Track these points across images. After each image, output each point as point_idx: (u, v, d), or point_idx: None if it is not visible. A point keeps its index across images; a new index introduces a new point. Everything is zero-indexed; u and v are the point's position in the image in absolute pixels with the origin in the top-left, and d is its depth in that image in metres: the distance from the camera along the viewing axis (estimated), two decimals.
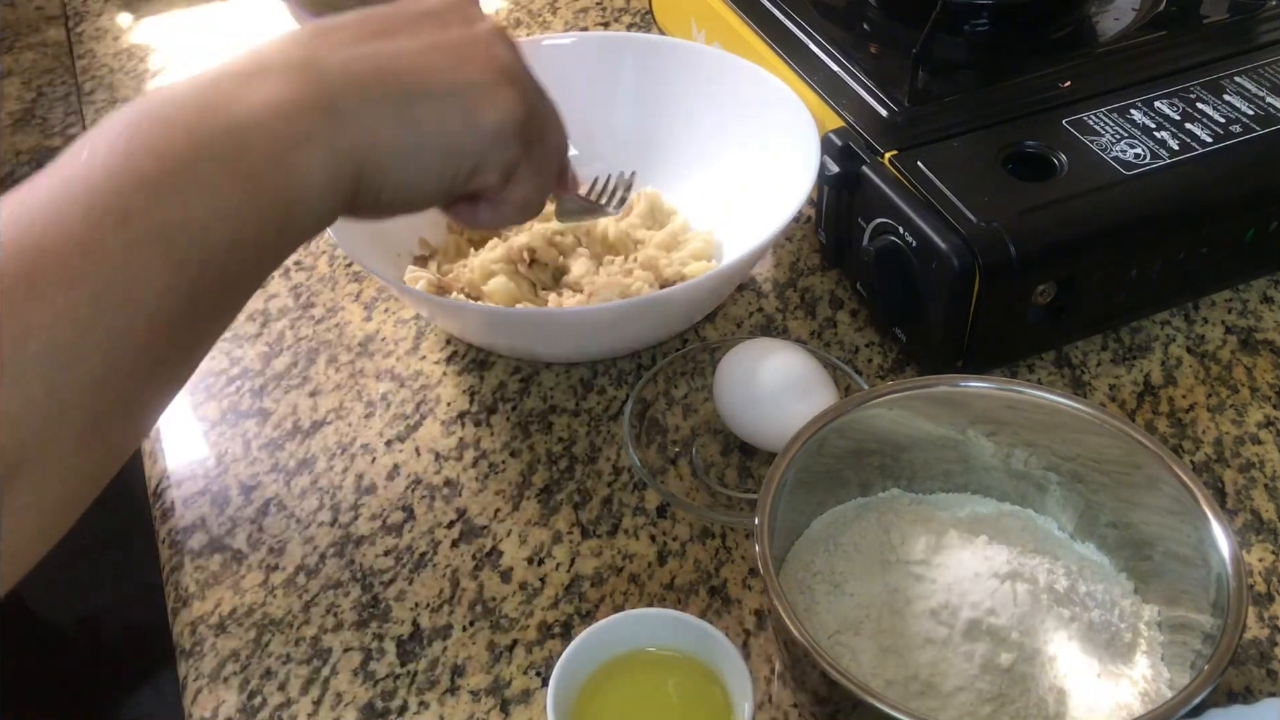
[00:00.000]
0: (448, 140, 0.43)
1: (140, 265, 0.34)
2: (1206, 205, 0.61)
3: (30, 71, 1.01)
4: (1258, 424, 0.60)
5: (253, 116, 0.37)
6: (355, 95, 0.40)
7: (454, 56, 0.43)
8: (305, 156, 0.38)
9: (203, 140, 0.36)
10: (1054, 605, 0.47)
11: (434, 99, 0.42)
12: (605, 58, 0.76)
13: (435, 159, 0.43)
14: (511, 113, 0.44)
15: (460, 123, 0.43)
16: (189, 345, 0.37)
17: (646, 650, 0.47)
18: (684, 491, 0.58)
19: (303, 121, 0.38)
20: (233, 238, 0.37)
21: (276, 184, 0.38)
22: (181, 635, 0.54)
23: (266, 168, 0.37)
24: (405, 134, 0.41)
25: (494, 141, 0.44)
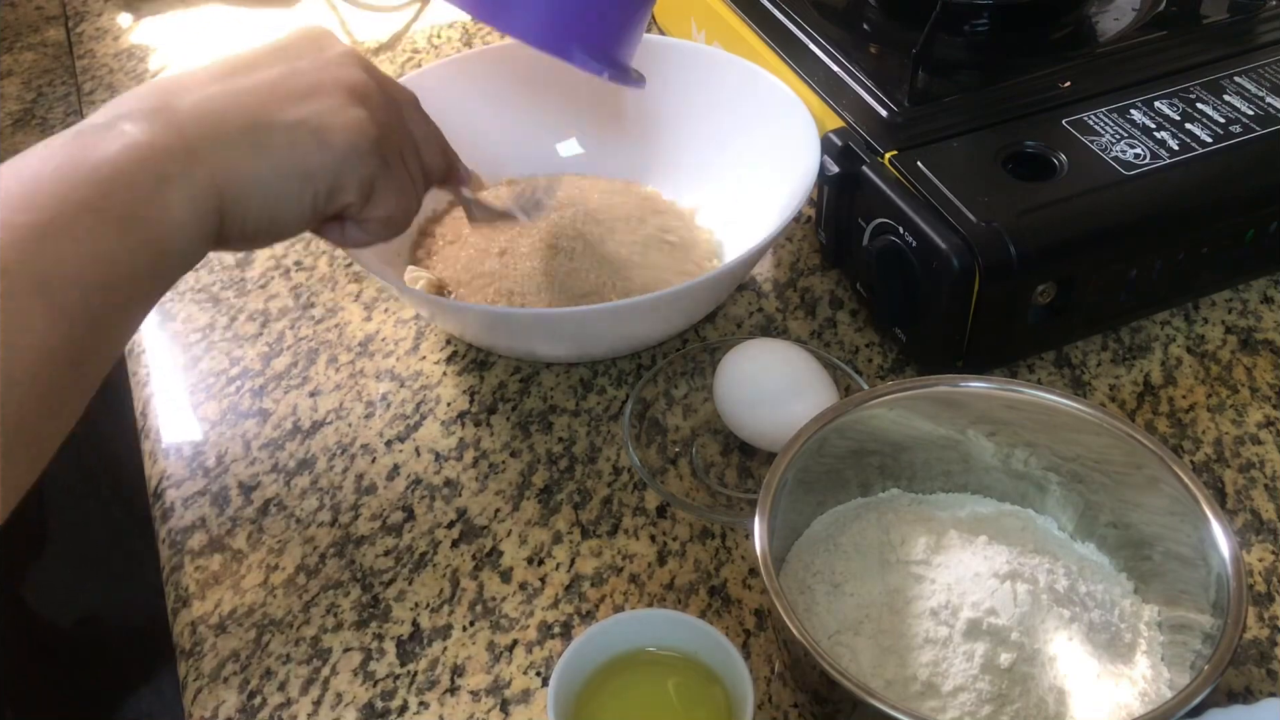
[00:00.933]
0: (301, 164, 0.45)
1: (22, 313, 0.36)
2: (1206, 205, 0.61)
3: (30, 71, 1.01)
4: (1258, 424, 0.60)
5: (114, 163, 0.39)
6: (209, 133, 0.42)
7: (303, 85, 0.45)
8: (167, 196, 0.40)
9: (69, 190, 0.38)
10: (1054, 605, 0.47)
11: (284, 127, 0.44)
12: None
13: (292, 184, 0.45)
14: (362, 131, 0.46)
15: (312, 146, 0.45)
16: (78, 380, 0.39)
17: (646, 650, 0.47)
18: (684, 491, 0.58)
19: (161, 163, 0.40)
20: (106, 279, 0.39)
21: (144, 224, 0.40)
22: (181, 635, 0.54)
23: (132, 210, 0.39)
24: (259, 164, 0.43)
25: (346, 160, 0.46)
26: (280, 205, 0.45)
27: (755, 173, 0.70)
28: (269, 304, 0.71)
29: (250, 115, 0.44)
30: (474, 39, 0.95)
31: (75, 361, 0.38)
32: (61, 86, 0.99)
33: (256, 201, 0.44)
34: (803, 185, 0.62)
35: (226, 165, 0.43)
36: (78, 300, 0.38)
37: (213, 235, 0.43)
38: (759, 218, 0.65)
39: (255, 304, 0.71)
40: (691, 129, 0.74)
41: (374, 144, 0.46)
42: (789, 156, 0.66)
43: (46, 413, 0.38)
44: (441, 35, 0.96)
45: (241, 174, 0.43)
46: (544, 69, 0.76)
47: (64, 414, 0.40)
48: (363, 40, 0.96)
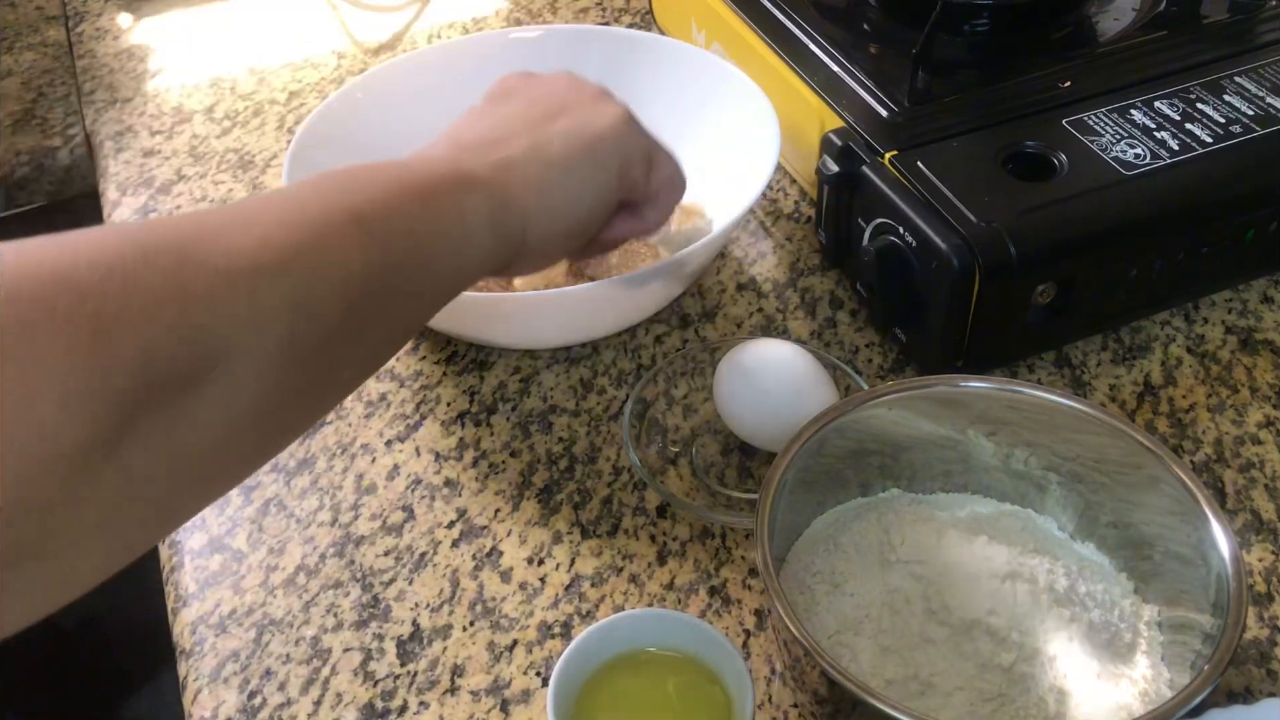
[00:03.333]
0: (587, 164, 0.49)
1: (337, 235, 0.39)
2: (1206, 205, 0.61)
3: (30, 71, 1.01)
4: (1258, 424, 0.60)
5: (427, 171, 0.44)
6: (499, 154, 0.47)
7: (551, 106, 0.50)
8: (471, 197, 0.45)
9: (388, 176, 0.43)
10: (1054, 605, 0.47)
11: (559, 134, 0.49)
12: (572, 51, 0.76)
13: (585, 184, 0.49)
14: (622, 114, 0.51)
15: (589, 146, 0.49)
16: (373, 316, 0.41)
17: (646, 650, 0.47)
18: (684, 491, 0.58)
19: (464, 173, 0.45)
20: (411, 237, 0.42)
21: (449, 209, 0.44)
22: (181, 635, 0.54)
23: (441, 196, 0.44)
24: (550, 175, 0.48)
25: (623, 143, 0.50)
26: (578, 207, 0.49)
27: (718, 159, 0.71)
28: None
29: (526, 137, 0.48)
30: None
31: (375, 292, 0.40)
32: (61, 86, 0.98)
33: (554, 209, 0.48)
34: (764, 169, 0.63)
35: (521, 180, 0.47)
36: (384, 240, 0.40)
37: (513, 244, 0.47)
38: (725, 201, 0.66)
39: None
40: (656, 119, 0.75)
41: (633, 120, 0.51)
42: (751, 143, 0.67)
43: (343, 335, 0.39)
44: (441, 35, 0.96)
45: (536, 186, 0.47)
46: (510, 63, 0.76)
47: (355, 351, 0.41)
48: (363, 40, 0.96)
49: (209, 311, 0.34)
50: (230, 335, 0.35)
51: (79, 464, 0.30)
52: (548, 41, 0.77)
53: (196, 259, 0.34)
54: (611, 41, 0.77)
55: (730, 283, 0.70)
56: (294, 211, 0.39)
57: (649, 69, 0.75)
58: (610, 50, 0.76)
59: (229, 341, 0.35)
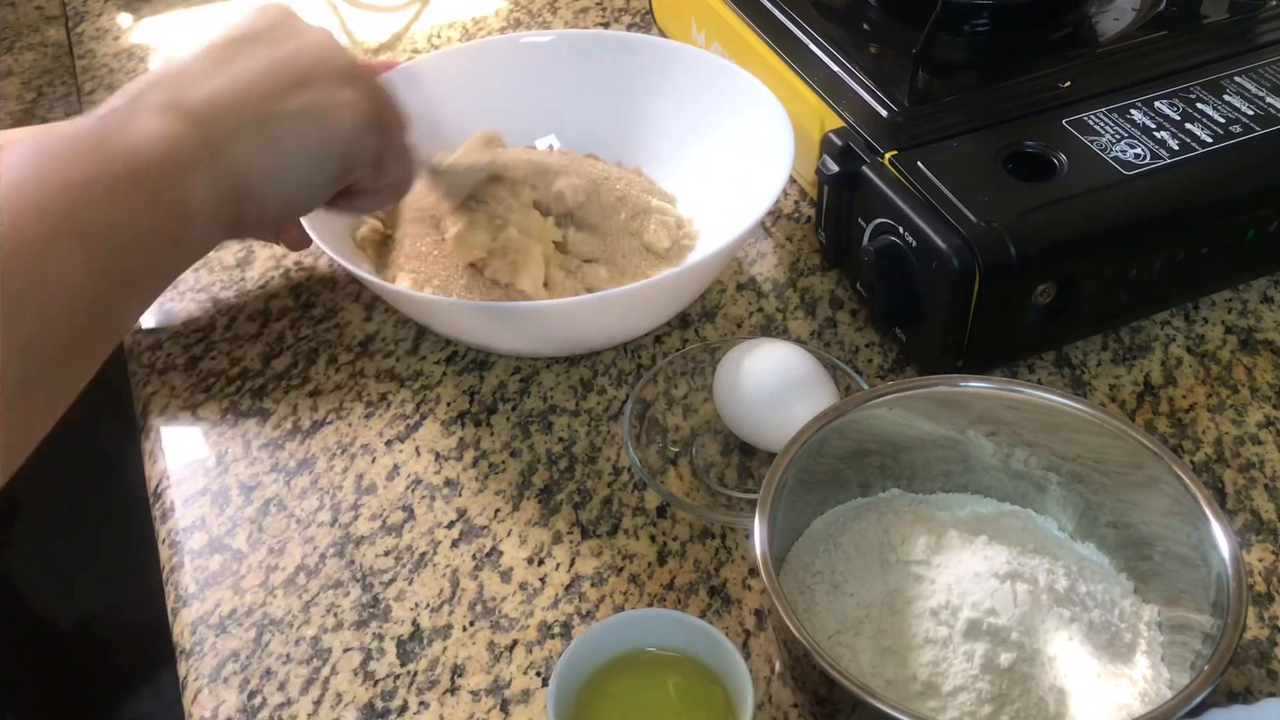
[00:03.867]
0: (312, 150, 0.48)
1: (59, 254, 0.38)
2: (1206, 205, 0.61)
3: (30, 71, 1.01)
4: (1258, 424, 0.60)
5: (143, 146, 0.42)
6: (222, 128, 0.45)
7: (296, 72, 0.47)
8: (192, 180, 0.43)
9: (105, 160, 0.41)
10: (1054, 605, 0.47)
11: (290, 117, 0.46)
12: (582, 55, 0.76)
13: (306, 169, 0.48)
14: (361, 109, 0.48)
15: (318, 133, 0.47)
16: (102, 329, 0.42)
17: (646, 650, 0.47)
18: (684, 491, 0.58)
19: (184, 153, 0.43)
20: (136, 242, 0.41)
21: (172, 199, 0.42)
22: (181, 635, 0.54)
23: (160, 188, 0.42)
24: (273, 157, 0.46)
25: (353, 140, 0.48)
26: (297, 191, 0.48)
27: (730, 167, 0.70)
28: (269, 304, 0.71)
29: (256, 109, 0.46)
30: (474, 39, 0.95)
31: (103, 312, 0.41)
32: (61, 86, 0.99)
33: (273, 189, 0.47)
34: (776, 180, 0.63)
35: (243, 159, 0.45)
36: (111, 254, 0.40)
37: (230, 222, 0.46)
38: (734, 211, 0.66)
39: (255, 304, 0.71)
40: (667, 124, 0.75)
41: (373, 119, 0.49)
42: (763, 152, 0.67)
43: (71, 356, 0.40)
44: (441, 35, 0.96)
45: (257, 166, 0.45)
46: (523, 65, 0.76)
47: (84, 363, 0.41)
48: (363, 40, 0.96)
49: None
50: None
51: None
52: (559, 46, 0.77)
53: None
54: (623, 46, 0.76)
55: (730, 283, 0.70)
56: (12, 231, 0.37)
57: (660, 74, 0.75)
58: (622, 55, 0.76)
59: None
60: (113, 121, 0.43)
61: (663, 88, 0.75)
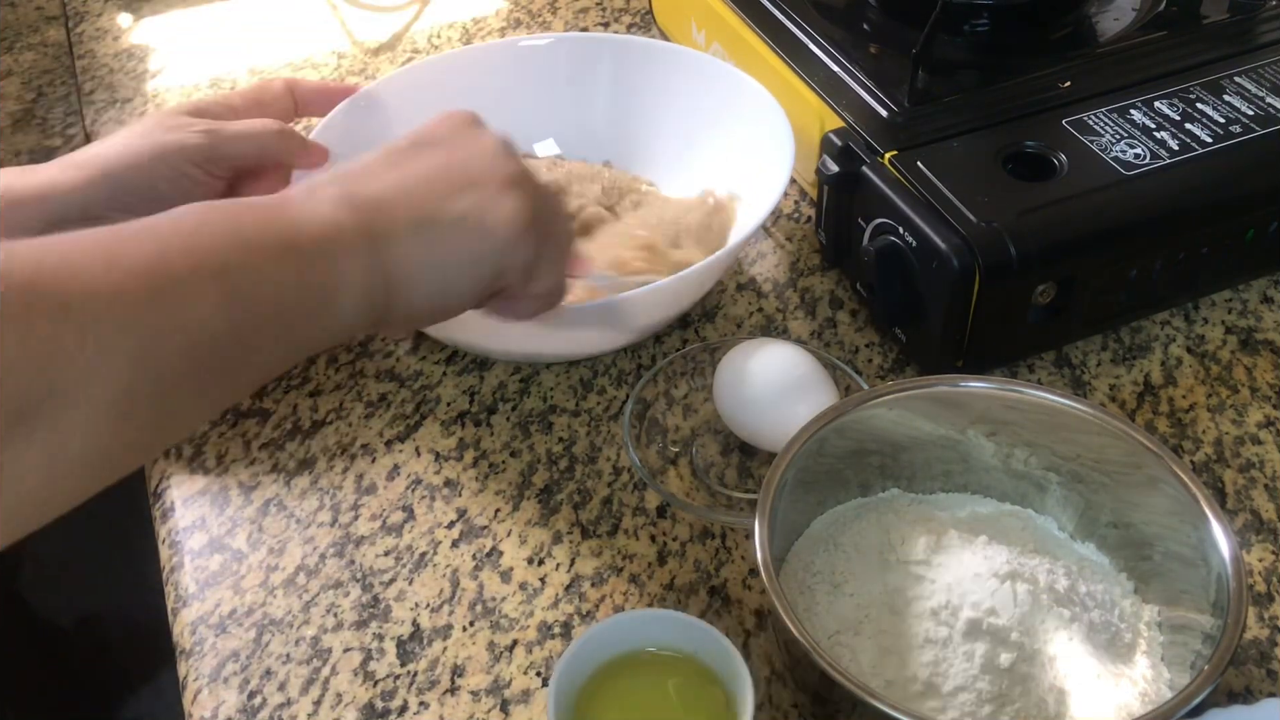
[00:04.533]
0: (467, 254, 0.48)
1: (196, 287, 0.39)
2: (1206, 205, 0.61)
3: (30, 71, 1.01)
4: (1258, 424, 0.60)
5: (306, 224, 0.43)
6: (385, 221, 0.46)
7: (461, 177, 0.48)
8: (345, 263, 0.44)
9: (266, 225, 0.42)
10: (1054, 605, 0.47)
11: (450, 221, 0.47)
12: (581, 58, 0.76)
13: (459, 271, 0.48)
14: (519, 218, 0.49)
15: (476, 237, 0.48)
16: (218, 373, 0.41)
17: (646, 650, 0.47)
18: (684, 491, 0.58)
19: (344, 235, 0.44)
20: (275, 299, 0.42)
21: (321, 273, 0.43)
22: (181, 635, 0.54)
23: (314, 259, 0.43)
24: (429, 254, 0.47)
25: (508, 247, 0.49)
26: (447, 290, 0.48)
27: (730, 171, 0.70)
28: None
29: (419, 209, 0.47)
30: (474, 39, 0.95)
31: (224, 357, 0.40)
32: (61, 86, 0.98)
33: (424, 288, 0.47)
34: (776, 185, 0.62)
35: (399, 255, 0.46)
36: (247, 304, 0.40)
37: (377, 313, 0.46)
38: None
39: None
40: (668, 127, 0.75)
41: (530, 228, 0.49)
42: (763, 154, 0.66)
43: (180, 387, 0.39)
44: (441, 35, 0.96)
45: (412, 263, 0.46)
46: (521, 68, 0.76)
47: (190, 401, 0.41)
48: (363, 40, 0.96)
49: (49, 353, 0.34)
50: (65, 379, 0.34)
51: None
52: (558, 49, 0.77)
53: (46, 298, 0.34)
54: (622, 49, 0.76)
55: (730, 283, 0.70)
56: (157, 257, 0.38)
57: (659, 78, 0.75)
58: (621, 58, 0.76)
59: (63, 385, 0.34)
60: (286, 199, 0.45)
61: (662, 91, 0.75)
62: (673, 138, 0.74)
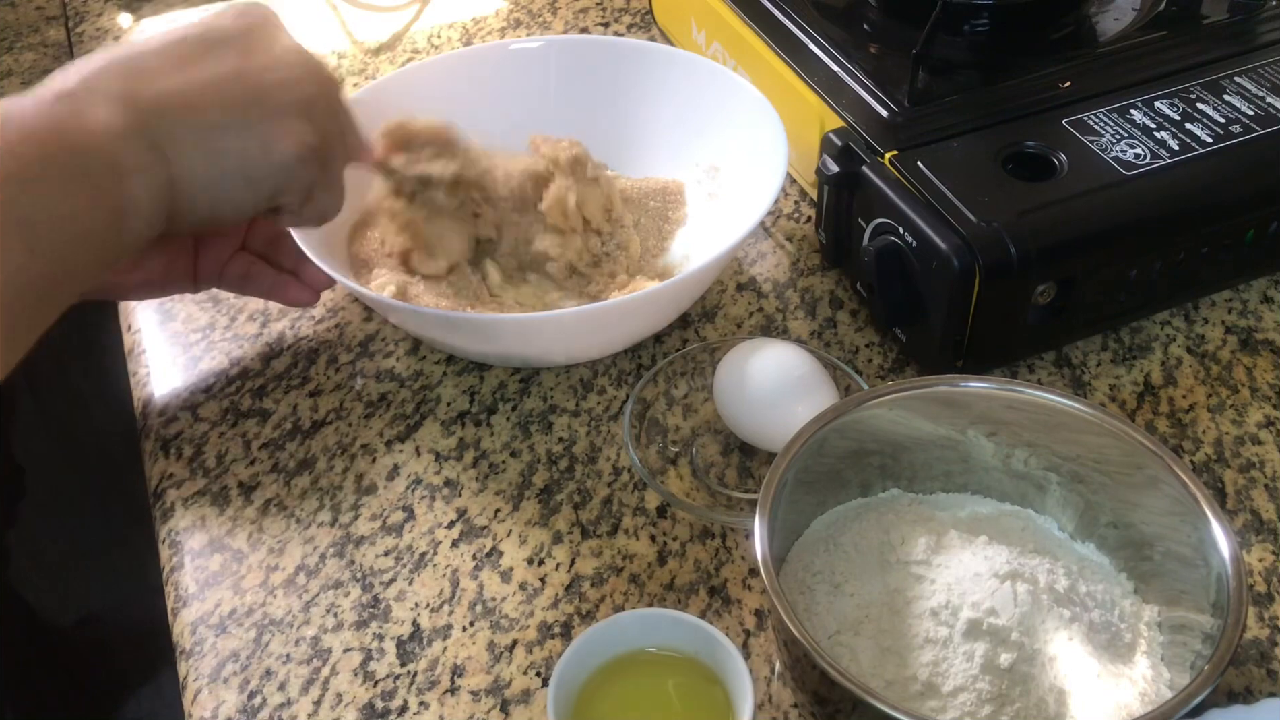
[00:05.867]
0: (248, 169, 0.48)
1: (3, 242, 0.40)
2: (1206, 205, 0.61)
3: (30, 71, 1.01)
4: (1258, 424, 0.60)
5: (91, 141, 0.43)
6: (169, 131, 0.46)
7: (253, 88, 0.48)
8: (131, 180, 0.44)
9: (52, 153, 0.42)
10: (1054, 605, 0.47)
11: (235, 132, 0.47)
12: (572, 61, 0.76)
13: (238, 186, 0.49)
14: (304, 143, 0.49)
15: (259, 154, 0.48)
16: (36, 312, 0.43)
17: (646, 650, 0.47)
18: (684, 491, 0.58)
19: (131, 151, 0.44)
20: (78, 234, 0.43)
21: (113, 197, 0.44)
22: (181, 635, 0.54)
23: (102, 184, 0.44)
24: (211, 168, 0.47)
25: (289, 169, 0.49)
26: (224, 204, 0.49)
27: (724, 173, 0.70)
28: (269, 304, 0.71)
29: (205, 117, 0.47)
30: (474, 39, 0.95)
31: (39, 302, 0.42)
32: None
33: (204, 199, 0.48)
34: (771, 186, 0.62)
35: (183, 165, 0.46)
36: (52, 245, 0.42)
37: (160, 223, 0.47)
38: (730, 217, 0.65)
39: (255, 304, 0.71)
40: (661, 129, 0.75)
41: (314, 153, 0.50)
42: (757, 157, 0.66)
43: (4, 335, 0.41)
44: (441, 35, 0.96)
45: (195, 175, 0.47)
46: (512, 73, 0.76)
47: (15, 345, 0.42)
48: (363, 40, 0.96)
49: None
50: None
51: None
52: (549, 51, 0.77)
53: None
54: (613, 51, 0.76)
55: (730, 283, 0.70)
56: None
57: (651, 79, 0.75)
58: (613, 60, 0.76)
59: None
60: (66, 108, 0.44)
61: (654, 93, 0.75)
62: (665, 139, 0.74)
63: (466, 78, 0.75)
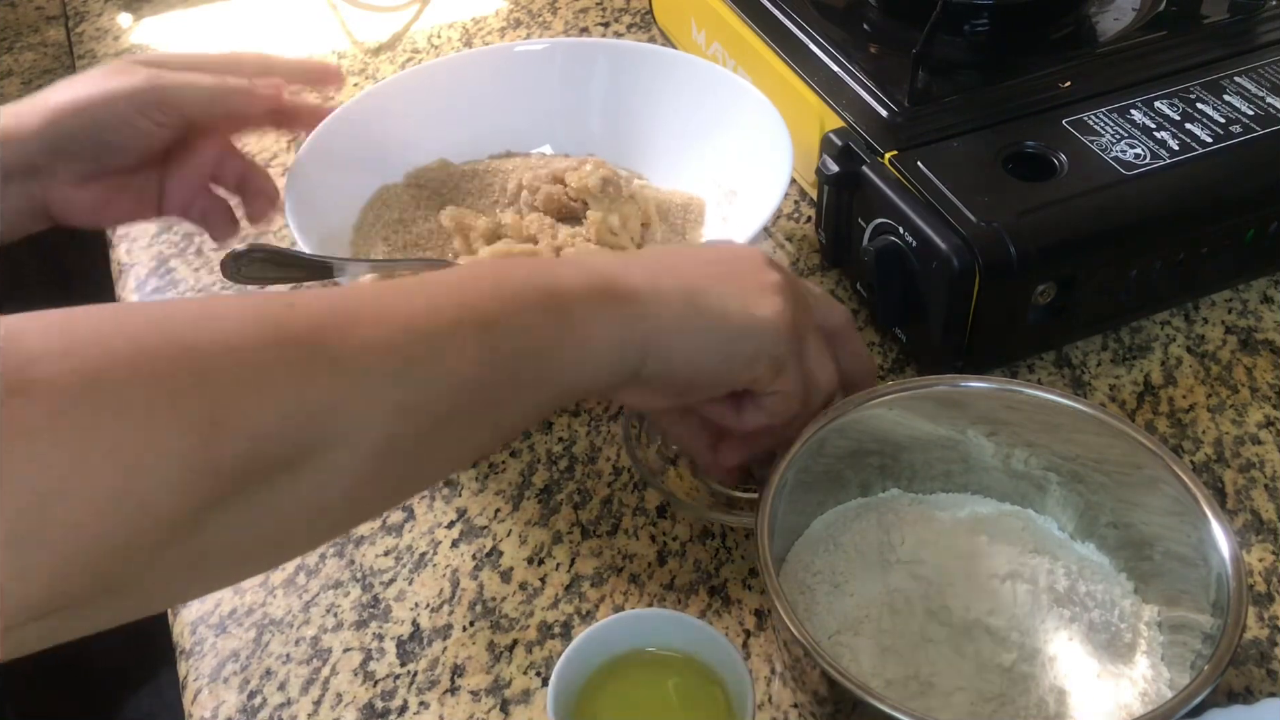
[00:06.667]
0: (727, 325, 0.47)
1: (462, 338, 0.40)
2: (1206, 205, 0.61)
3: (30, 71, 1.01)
4: (1258, 424, 0.60)
5: (572, 281, 0.44)
6: (650, 287, 0.46)
7: (732, 273, 0.49)
8: (605, 317, 0.44)
9: (531, 278, 0.43)
10: (1054, 605, 0.47)
11: (715, 294, 0.47)
12: (576, 63, 0.76)
13: (716, 341, 0.47)
14: (782, 313, 0.48)
15: (739, 311, 0.47)
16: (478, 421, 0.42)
17: (646, 650, 0.47)
18: (684, 491, 0.58)
19: (607, 300, 0.44)
20: (535, 350, 0.42)
21: (579, 329, 0.43)
22: (181, 635, 0.54)
23: (575, 309, 0.43)
24: (690, 317, 0.46)
25: (767, 334, 0.47)
26: (703, 360, 0.47)
27: (728, 176, 0.70)
28: None
29: (686, 282, 0.47)
30: (474, 39, 0.95)
31: (483, 401, 0.41)
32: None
33: (681, 354, 0.46)
34: (775, 190, 0.62)
35: (659, 317, 0.45)
36: (507, 349, 0.41)
37: (630, 368, 0.45)
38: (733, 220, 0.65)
39: None
40: (665, 131, 0.75)
41: (791, 327, 0.48)
42: (762, 160, 0.66)
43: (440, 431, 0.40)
44: (441, 35, 0.96)
45: (670, 328, 0.46)
46: (515, 75, 0.76)
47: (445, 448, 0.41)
48: (363, 40, 0.96)
49: (323, 404, 0.35)
50: (336, 428, 0.35)
51: (167, 533, 0.32)
52: (554, 54, 0.77)
53: (326, 352, 0.36)
54: (617, 54, 0.76)
55: None
56: (425, 313, 0.39)
57: (655, 82, 0.75)
58: (616, 62, 0.76)
59: (333, 434, 0.35)
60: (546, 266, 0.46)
61: (658, 95, 0.74)
62: (669, 143, 0.74)
63: (470, 81, 0.75)
